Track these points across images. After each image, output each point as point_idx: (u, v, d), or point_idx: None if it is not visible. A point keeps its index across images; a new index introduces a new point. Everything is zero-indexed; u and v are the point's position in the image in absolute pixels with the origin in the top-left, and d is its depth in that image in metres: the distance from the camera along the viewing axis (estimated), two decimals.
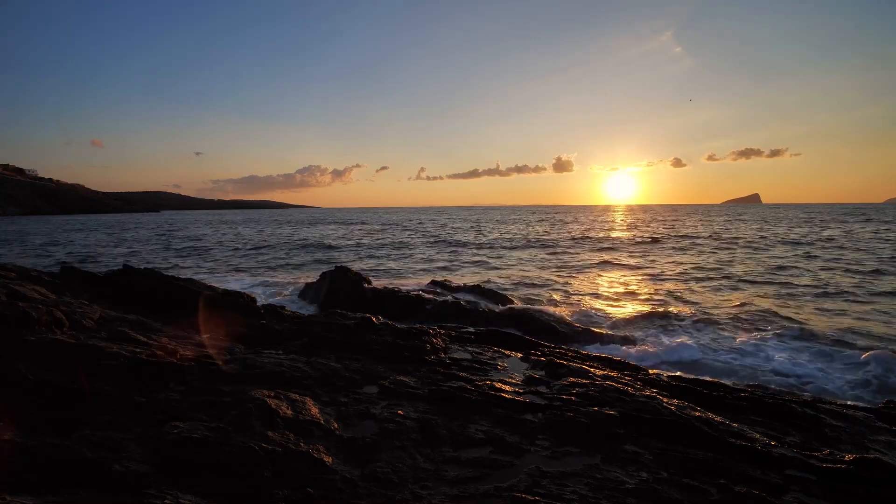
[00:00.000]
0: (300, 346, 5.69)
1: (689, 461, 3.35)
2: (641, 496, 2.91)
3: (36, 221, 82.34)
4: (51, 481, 2.59)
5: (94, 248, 31.12)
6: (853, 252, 24.70)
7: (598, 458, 3.40)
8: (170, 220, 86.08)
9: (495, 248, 30.35)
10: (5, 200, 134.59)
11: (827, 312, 12.13)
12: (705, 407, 4.39)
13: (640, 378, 5.32)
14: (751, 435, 3.82)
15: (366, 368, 5.05)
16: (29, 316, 4.76)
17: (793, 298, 13.87)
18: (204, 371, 4.40)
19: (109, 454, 2.86)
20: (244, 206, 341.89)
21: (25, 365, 3.85)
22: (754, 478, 3.21)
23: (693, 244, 30.78)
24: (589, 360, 6.10)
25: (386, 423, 3.68)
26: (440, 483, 3.01)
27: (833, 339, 9.45)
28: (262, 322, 6.74)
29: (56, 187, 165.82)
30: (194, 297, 7.27)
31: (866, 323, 11.00)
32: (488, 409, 4.13)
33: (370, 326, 6.36)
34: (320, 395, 4.21)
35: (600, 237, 37.91)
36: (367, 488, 2.88)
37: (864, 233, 37.63)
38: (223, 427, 3.18)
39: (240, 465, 2.87)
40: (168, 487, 2.59)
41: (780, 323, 10.76)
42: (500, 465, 3.26)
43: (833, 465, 3.43)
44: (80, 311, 5.49)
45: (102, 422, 3.29)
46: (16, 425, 3.01)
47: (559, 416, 3.95)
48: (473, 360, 5.70)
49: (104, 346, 4.43)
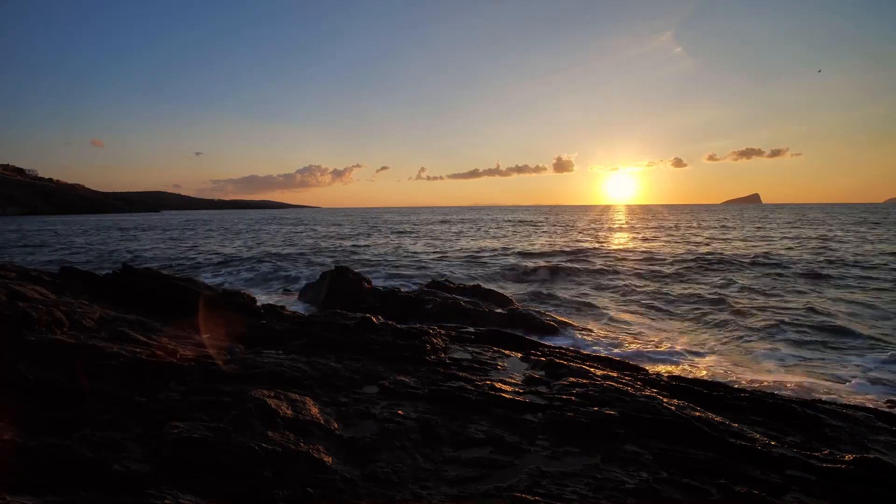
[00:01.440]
0: (300, 346, 5.69)
1: (689, 461, 3.35)
2: (641, 496, 2.91)
3: (68, 221, 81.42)
4: (51, 481, 2.59)
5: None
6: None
7: (598, 458, 3.40)
8: (169, 220, 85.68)
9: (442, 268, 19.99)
10: (5, 200, 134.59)
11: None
12: (705, 407, 4.38)
13: (640, 378, 5.32)
14: (751, 435, 3.81)
15: (366, 368, 5.05)
16: (29, 316, 4.76)
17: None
18: (204, 371, 4.40)
19: (109, 454, 2.86)
20: (244, 206, 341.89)
21: (25, 365, 3.85)
22: (754, 478, 3.21)
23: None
24: (589, 360, 6.10)
25: (386, 423, 3.68)
26: (440, 483, 3.01)
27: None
28: (262, 322, 6.74)
29: (56, 187, 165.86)
30: (194, 297, 7.27)
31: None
32: (488, 409, 4.13)
33: (370, 326, 6.36)
34: (320, 395, 4.21)
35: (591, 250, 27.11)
36: (367, 488, 2.88)
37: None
38: (223, 427, 3.18)
39: (240, 465, 2.87)
40: (168, 487, 2.59)
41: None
42: (500, 465, 3.26)
43: (833, 465, 3.43)
44: (80, 311, 5.49)
45: (102, 422, 3.29)
46: (16, 425, 3.01)
47: (559, 416, 3.95)
48: (473, 360, 5.70)
49: (104, 346, 4.43)
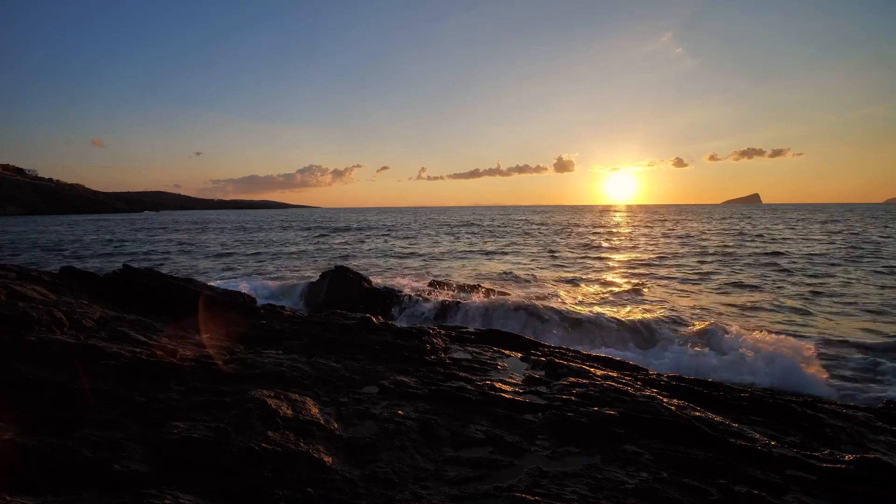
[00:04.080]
0: (300, 346, 5.69)
1: (689, 461, 3.35)
2: (641, 496, 2.91)
3: (102, 221, 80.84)
4: (51, 481, 2.58)
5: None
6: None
7: (598, 458, 3.40)
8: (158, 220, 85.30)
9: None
10: (5, 200, 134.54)
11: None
12: (705, 407, 4.38)
13: (640, 378, 5.32)
14: (751, 435, 3.81)
15: (366, 368, 5.05)
16: (29, 316, 4.76)
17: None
18: (204, 371, 4.40)
19: (109, 454, 2.85)
20: (244, 206, 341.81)
21: (25, 365, 3.85)
22: (754, 478, 3.21)
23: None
24: (589, 360, 6.10)
25: (386, 423, 3.68)
26: (440, 483, 3.01)
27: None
28: (262, 322, 6.74)
29: (56, 187, 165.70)
30: (194, 297, 7.26)
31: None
32: (488, 409, 4.13)
33: (370, 326, 6.36)
34: (320, 395, 4.21)
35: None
36: (367, 488, 2.88)
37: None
38: (223, 427, 3.18)
39: (240, 465, 2.87)
40: (168, 487, 2.59)
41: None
42: (500, 465, 3.25)
43: (833, 465, 3.43)
44: (80, 311, 5.49)
45: (102, 422, 3.29)
46: (16, 425, 3.01)
47: (559, 416, 3.95)
48: (473, 360, 5.70)
49: (104, 345, 4.43)
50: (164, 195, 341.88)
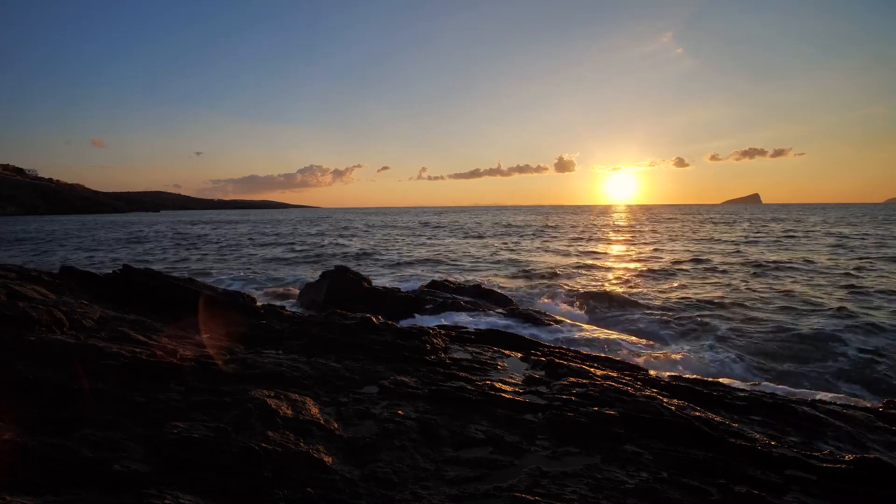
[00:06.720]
0: (300, 346, 5.69)
1: (689, 461, 3.35)
2: (641, 496, 2.91)
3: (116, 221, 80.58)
4: (51, 481, 2.58)
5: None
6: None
7: (598, 458, 3.40)
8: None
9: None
10: (5, 200, 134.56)
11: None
12: (705, 407, 4.39)
13: (640, 378, 5.32)
14: (751, 435, 3.81)
15: (366, 368, 5.05)
16: (29, 316, 4.76)
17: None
18: (204, 371, 4.39)
19: (109, 454, 2.85)
20: (244, 206, 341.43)
21: (25, 365, 3.85)
22: (754, 478, 3.21)
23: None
24: (589, 360, 6.10)
25: (386, 423, 3.68)
26: (440, 483, 3.01)
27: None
28: (262, 322, 6.74)
29: (56, 187, 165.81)
30: (194, 297, 7.26)
31: None
32: (488, 409, 4.13)
33: (370, 326, 6.36)
34: (320, 395, 4.21)
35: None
36: (367, 488, 2.88)
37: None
38: (223, 427, 3.17)
39: (240, 465, 2.87)
40: (168, 487, 2.59)
41: None
42: (500, 465, 3.25)
43: (833, 465, 3.42)
44: (80, 311, 5.49)
45: (102, 422, 3.29)
46: (16, 425, 3.01)
47: (559, 416, 3.95)
48: (473, 360, 5.69)
49: (104, 345, 4.43)
50: (164, 195, 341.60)
